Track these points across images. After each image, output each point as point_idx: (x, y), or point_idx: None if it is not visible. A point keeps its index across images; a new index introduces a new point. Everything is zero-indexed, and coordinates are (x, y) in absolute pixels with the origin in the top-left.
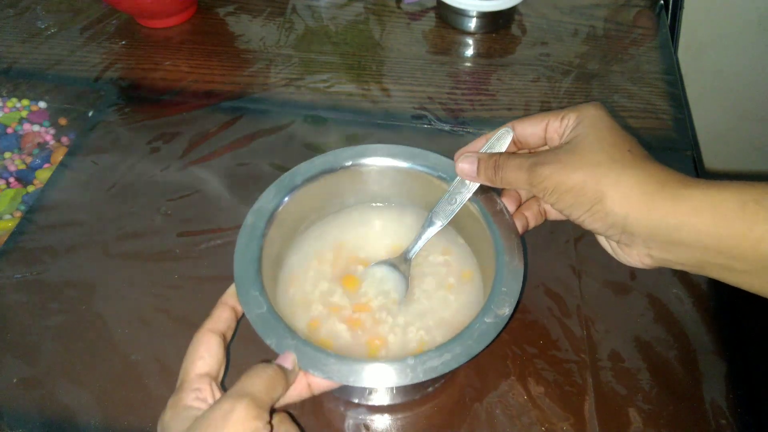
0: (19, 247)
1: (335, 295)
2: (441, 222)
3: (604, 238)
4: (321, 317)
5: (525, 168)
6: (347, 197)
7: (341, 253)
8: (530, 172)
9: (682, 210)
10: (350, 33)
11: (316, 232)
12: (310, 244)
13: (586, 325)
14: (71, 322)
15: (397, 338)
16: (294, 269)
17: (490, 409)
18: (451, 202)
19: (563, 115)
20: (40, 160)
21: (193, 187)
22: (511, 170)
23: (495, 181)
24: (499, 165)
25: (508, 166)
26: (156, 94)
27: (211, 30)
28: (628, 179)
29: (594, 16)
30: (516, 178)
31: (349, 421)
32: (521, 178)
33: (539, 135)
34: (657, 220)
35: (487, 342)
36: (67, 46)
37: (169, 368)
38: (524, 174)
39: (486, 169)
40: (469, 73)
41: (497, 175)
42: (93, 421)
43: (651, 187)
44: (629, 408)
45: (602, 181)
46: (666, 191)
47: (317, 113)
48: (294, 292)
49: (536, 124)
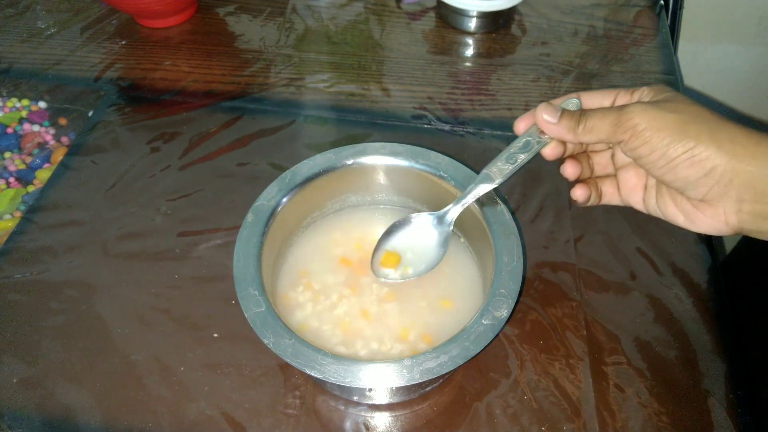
0: (19, 247)
1: (336, 294)
2: (498, 179)
3: (675, 205)
4: (320, 318)
5: (615, 110)
6: (348, 196)
7: (342, 252)
8: (620, 111)
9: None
10: (350, 33)
11: (317, 231)
12: (310, 243)
13: (586, 325)
14: (71, 322)
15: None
16: (294, 269)
17: (490, 409)
18: (510, 160)
19: (634, 90)
20: (40, 160)
21: (193, 187)
22: (596, 115)
23: (577, 129)
24: (584, 113)
25: (594, 112)
26: (156, 94)
27: (211, 30)
28: (730, 127)
29: (594, 16)
30: (602, 122)
31: (349, 420)
32: (607, 119)
33: (606, 105)
34: (760, 167)
35: (485, 344)
36: (67, 46)
37: (169, 368)
38: (612, 114)
39: (570, 119)
40: (469, 73)
41: (581, 123)
42: (93, 421)
43: (754, 137)
44: (629, 408)
45: (706, 124)
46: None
47: (317, 113)
48: (294, 292)
49: (604, 96)
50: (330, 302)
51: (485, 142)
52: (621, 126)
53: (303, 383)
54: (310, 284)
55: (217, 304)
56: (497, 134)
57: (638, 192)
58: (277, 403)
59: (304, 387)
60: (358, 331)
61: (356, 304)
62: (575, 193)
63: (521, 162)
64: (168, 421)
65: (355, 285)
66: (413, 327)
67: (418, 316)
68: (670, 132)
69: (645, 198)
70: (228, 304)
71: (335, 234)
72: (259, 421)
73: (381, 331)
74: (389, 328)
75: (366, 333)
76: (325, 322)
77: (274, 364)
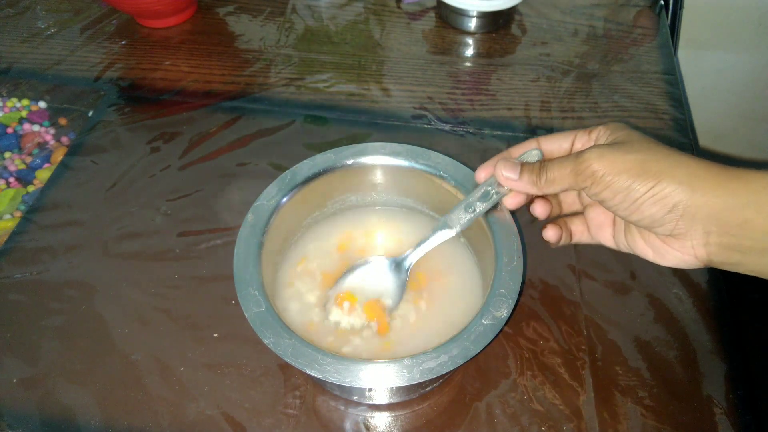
0: (19, 247)
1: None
2: (455, 229)
3: (644, 241)
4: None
5: (571, 159)
6: (348, 196)
7: (342, 252)
8: (577, 159)
9: (750, 188)
10: (350, 33)
11: (317, 231)
12: (310, 242)
13: (586, 325)
14: (71, 322)
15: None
16: (294, 268)
17: (490, 408)
18: (468, 209)
19: (591, 130)
20: (40, 160)
21: (193, 187)
22: (555, 166)
23: (539, 182)
24: (543, 165)
25: (552, 164)
26: (156, 94)
27: (211, 30)
28: (689, 161)
29: (594, 16)
30: (561, 172)
31: (349, 420)
32: (566, 170)
33: (566, 149)
34: (723, 199)
35: (485, 344)
36: (67, 46)
37: (169, 368)
38: (570, 164)
39: (531, 172)
40: (469, 73)
41: (542, 176)
42: (93, 421)
43: (713, 169)
44: (629, 408)
45: (664, 161)
46: (729, 172)
47: (317, 113)
48: (294, 292)
49: (563, 139)
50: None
51: (485, 142)
52: (581, 174)
53: (303, 383)
54: (310, 284)
55: (217, 304)
56: (497, 134)
57: (607, 229)
58: (277, 403)
59: (304, 387)
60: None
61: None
62: (546, 234)
63: (479, 211)
64: (168, 421)
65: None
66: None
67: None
68: (630, 174)
69: (614, 235)
70: (228, 304)
71: (336, 233)
72: (259, 421)
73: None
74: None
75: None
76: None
77: (274, 364)
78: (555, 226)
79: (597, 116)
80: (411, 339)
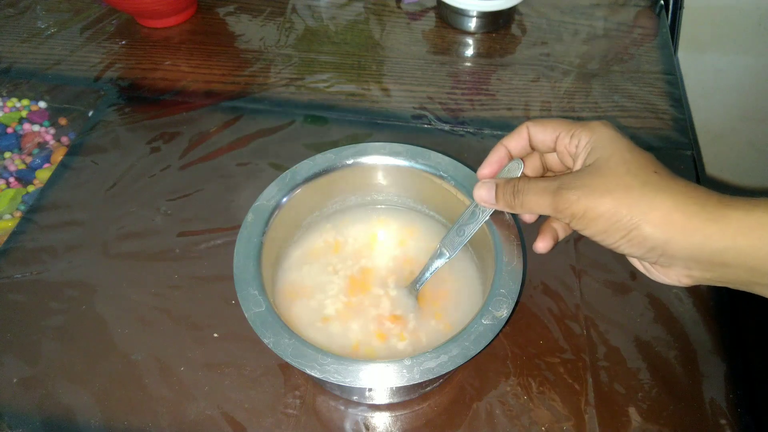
0: (19, 247)
1: (336, 295)
2: (449, 254)
3: (637, 260)
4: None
5: (550, 192)
6: (348, 196)
7: (342, 252)
8: (555, 196)
9: (727, 232)
10: (350, 33)
11: (318, 231)
12: (311, 242)
13: (586, 325)
14: (71, 322)
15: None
16: (294, 268)
17: (490, 409)
18: (459, 233)
19: (573, 132)
20: (40, 160)
21: (193, 187)
22: (532, 195)
23: (514, 206)
24: (519, 189)
25: (530, 190)
26: (156, 94)
27: (211, 30)
28: (664, 202)
29: (594, 16)
30: (538, 203)
31: (349, 420)
32: (545, 203)
33: (549, 145)
34: (700, 243)
35: (484, 344)
36: (67, 46)
37: (169, 368)
38: (548, 198)
39: (504, 194)
40: (469, 73)
41: (517, 199)
42: (93, 421)
43: (690, 209)
44: (629, 408)
45: (637, 206)
46: (706, 212)
47: (317, 113)
48: (293, 291)
49: (548, 132)
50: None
51: (485, 142)
52: (560, 213)
53: (303, 383)
54: (310, 283)
55: (217, 304)
56: (497, 134)
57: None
58: (277, 403)
59: (304, 387)
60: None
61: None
62: (537, 247)
63: (469, 233)
64: (168, 421)
65: (355, 285)
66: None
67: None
68: (605, 220)
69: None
70: (228, 304)
71: (337, 233)
72: (259, 421)
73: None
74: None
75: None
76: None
77: (274, 364)
78: (545, 237)
79: (597, 116)
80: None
